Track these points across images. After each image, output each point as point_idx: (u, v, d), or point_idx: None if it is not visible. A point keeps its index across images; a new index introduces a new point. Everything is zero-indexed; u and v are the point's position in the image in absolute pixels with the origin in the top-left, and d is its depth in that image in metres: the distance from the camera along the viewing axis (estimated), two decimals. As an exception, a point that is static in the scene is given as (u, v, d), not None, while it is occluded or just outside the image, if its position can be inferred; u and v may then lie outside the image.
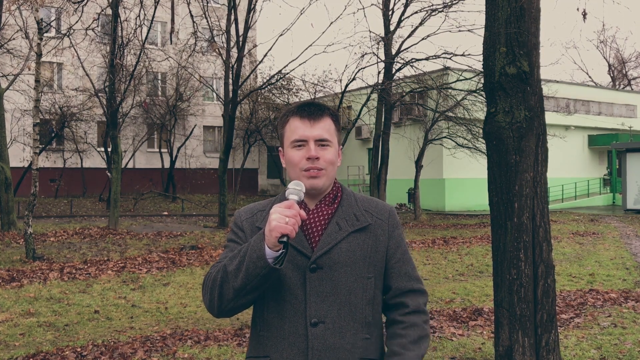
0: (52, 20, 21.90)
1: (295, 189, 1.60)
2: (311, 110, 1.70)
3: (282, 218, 1.50)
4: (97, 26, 15.76)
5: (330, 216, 1.69)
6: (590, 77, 62.39)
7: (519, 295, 3.77)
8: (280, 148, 1.77)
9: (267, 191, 36.54)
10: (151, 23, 16.04)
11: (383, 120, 20.60)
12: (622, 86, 47.75)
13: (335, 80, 35.26)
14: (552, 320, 3.85)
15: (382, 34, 19.85)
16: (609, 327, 6.17)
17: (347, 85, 19.95)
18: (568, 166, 30.14)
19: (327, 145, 1.69)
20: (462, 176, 26.33)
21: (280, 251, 1.52)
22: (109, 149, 21.63)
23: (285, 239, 1.50)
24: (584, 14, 4.51)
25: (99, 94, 21.04)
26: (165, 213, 23.74)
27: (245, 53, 18.55)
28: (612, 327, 6.17)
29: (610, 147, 30.27)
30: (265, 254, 1.53)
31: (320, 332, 1.61)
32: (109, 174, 19.10)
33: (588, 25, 64.32)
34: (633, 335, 5.83)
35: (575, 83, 35.89)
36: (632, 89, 45.40)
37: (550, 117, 21.72)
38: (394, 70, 20.02)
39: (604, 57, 58.15)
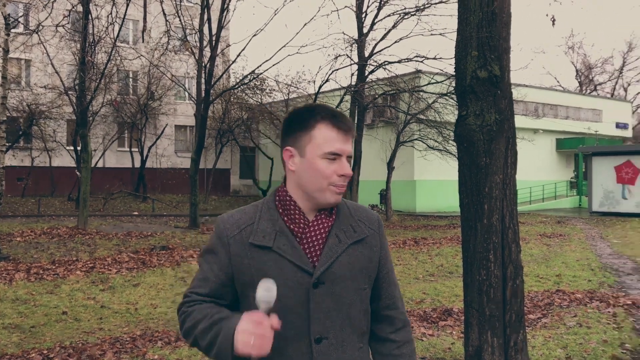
0: (20, 16, 21.45)
1: (266, 295, 1.45)
2: (347, 123, 1.62)
3: (248, 338, 1.43)
4: (68, 23, 15.47)
5: (329, 228, 1.63)
6: (558, 82, 63.61)
7: (488, 296, 3.83)
8: (290, 147, 1.62)
9: (239, 191, 36.35)
10: (123, 21, 15.83)
11: (356, 122, 20.69)
12: (588, 91, 48.83)
13: (309, 82, 35.36)
14: (521, 321, 3.92)
15: (356, 36, 19.95)
16: (575, 326, 6.31)
17: (320, 87, 19.99)
18: (536, 169, 30.70)
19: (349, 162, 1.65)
20: (433, 178, 26.61)
21: None
22: (79, 148, 21.27)
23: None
24: (553, 20, 4.61)
25: (69, 92, 20.68)
26: (136, 213, 23.43)
27: (218, 52, 18.44)
28: (578, 326, 6.31)
29: (577, 151, 30.91)
30: (231, 355, 1.49)
31: (324, 348, 1.57)
32: (78, 173, 18.78)
33: (557, 31, 65.64)
34: (597, 335, 5.97)
35: (543, 87, 36.58)
36: (598, 94, 46.46)
37: (519, 121, 22.07)
38: (366, 73, 20.14)
39: (572, 63, 59.41)
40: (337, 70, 19.53)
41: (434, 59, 18.64)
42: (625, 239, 16.08)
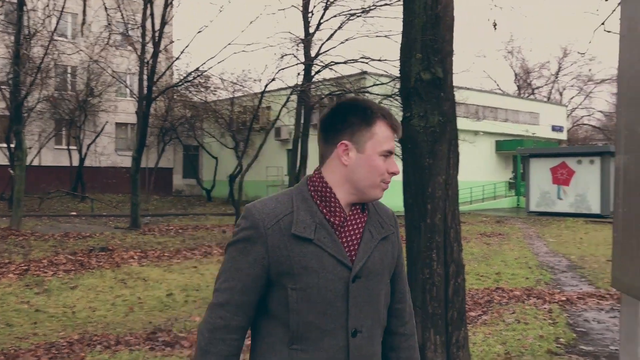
0: (-51, 6, 20.39)
1: None
2: (398, 123, 1.66)
3: None
4: (1, 14, 14.81)
5: (364, 223, 1.65)
6: (498, 85, 65.64)
7: (431, 294, 3.89)
8: (347, 142, 1.60)
9: (182, 191, 35.74)
10: (61, 13, 15.27)
11: (302, 121, 20.71)
12: (526, 95, 50.55)
13: (255, 80, 35.08)
14: (462, 318, 4.00)
15: (302, 36, 19.96)
16: (513, 323, 6.50)
17: (266, 86, 19.89)
18: (477, 170, 31.54)
19: None
20: (378, 178, 26.92)
21: None
22: (12, 145, 20.38)
23: None
24: (495, 25, 4.73)
25: (2, 87, 19.79)
26: (74, 213, 22.68)
27: (161, 49, 18.07)
28: (516, 323, 6.51)
29: (516, 152, 31.93)
30: None
31: (359, 342, 1.59)
32: (11, 171, 17.99)
33: (497, 36, 67.72)
34: (534, 331, 6.17)
35: (484, 91, 37.61)
36: (535, 98, 48.18)
37: (460, 123, 22.55)
38: (313, 73, 20.18)
39: (511, 67, 61.50)
40: (283, 69, 19.56)
41: (379, 60, 18.86)
42: (560, 237, 16.75)
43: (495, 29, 4.74)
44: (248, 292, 1.56)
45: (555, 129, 38.02)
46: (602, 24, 6.27)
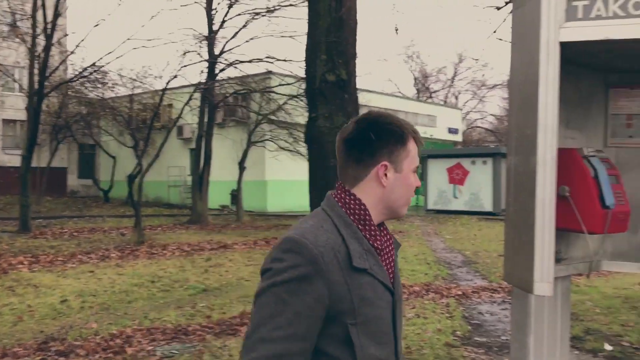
0: None
1: None
2: (421, 137, 1.62)
3: None
4: None
5: (393, 245, 1.60)
6: (398, 88, 67.91)
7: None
8: (387, 162, 1.51)
9: (77, 192, 34.00)
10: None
11: (206, 120, 20.34)
12: (425, 98, 52.61)
13: (156, 77, 34.01)
14: (366, 315, 4.09)
15: (206, 33, 19.62)
16: (413, 318, 6.74)
17: (168, 83, 19.35)
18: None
19: None
20: (284, 178, 26.98)
21: None
22: None
23: None
24: (396, 29, 4.87)
25: None
26: (-46, 216, 20.93)
27: (54, 42, 17.08)
28: (416, 317, 6.75)
29: (415, 153, 33.09)
30: None
31: None
32: None
33: (399, 40, 70.02)
34: (433, 325, 6.44)
35: (385, 93, 38.69)
36: (433, 101, 50.27)
37: (363, 124, 22.94)
38: (217, 71, 19.89)
39: (411, 71, 63.84)
40: (185, 66, 19.14)
41: (284, 60, 18.93)
42: (456, 234, 17.56)
43: (397, 33, 4.89)
44: (308, 338, 1.36)
45: (451, 131, 39.87)
46: (494, 32, 6.65)
